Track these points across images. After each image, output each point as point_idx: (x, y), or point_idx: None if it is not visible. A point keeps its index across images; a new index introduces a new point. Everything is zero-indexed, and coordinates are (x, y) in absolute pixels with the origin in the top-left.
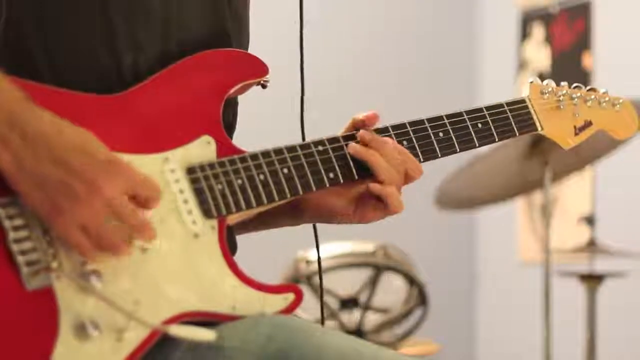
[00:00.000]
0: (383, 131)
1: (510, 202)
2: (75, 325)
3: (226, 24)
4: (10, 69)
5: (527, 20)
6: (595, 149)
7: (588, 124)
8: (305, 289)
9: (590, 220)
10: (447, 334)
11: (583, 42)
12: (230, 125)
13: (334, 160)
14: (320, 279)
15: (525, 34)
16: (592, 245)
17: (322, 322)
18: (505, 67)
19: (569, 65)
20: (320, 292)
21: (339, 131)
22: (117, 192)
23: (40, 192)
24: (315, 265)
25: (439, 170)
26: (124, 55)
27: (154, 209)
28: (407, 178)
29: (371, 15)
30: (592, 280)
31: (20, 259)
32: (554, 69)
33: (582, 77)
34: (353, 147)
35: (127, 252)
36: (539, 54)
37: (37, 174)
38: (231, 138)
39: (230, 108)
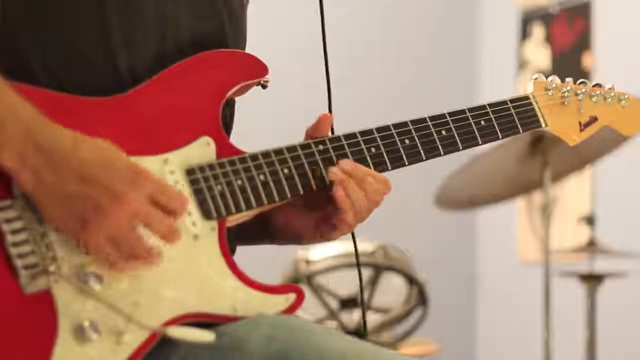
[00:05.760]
0: (385, 129)
1: (510, 202)
2: (74, 328)
3: (223, 23)
4: (5, 70)
5: (527, 20)
6: (595, 148)
7: (593, 119)
8: (305, 289)
9: (590, 220)
10: (447, 334)
11: (583, 42)
12: (226, 126)
13: (335, 160)
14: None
15: (525, 34)
16: (592, 245)
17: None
18: (505, 67)
19: (569, 66)
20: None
21: (339, 131)
22: (142, 200)
23: (63, 208)
24: (315, 266)
25: (439, 170)
26: (120, 56)
27: None
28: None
29: (371, 16)
30: (592, 280)
31: (19, 262)
32: (554, 69)
33: (582, 77)
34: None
35: (157, 260)
36: (539, 54)
37: (59, 190)
38: (228, 138)
39: (228, 109)
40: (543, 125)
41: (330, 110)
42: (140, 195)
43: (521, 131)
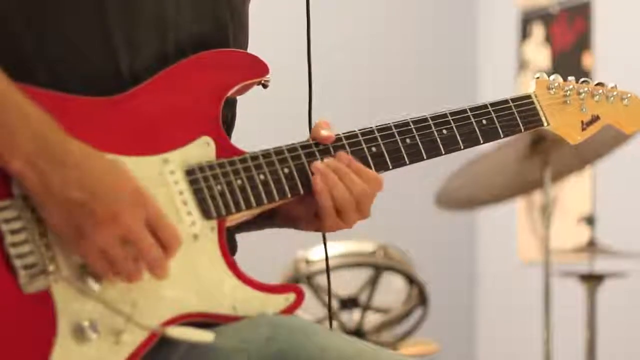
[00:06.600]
0: (386, 129)
1: (510, 202)
2: (73, 328)
3: (225, 23)
4: (5, 70)
5: (527, 20)
6: (595, 148)
7: (595, 118)
8: (305, 288)
9: (590, 220)
10: (447, 334)
11: (583, 42)
12: (228, 126)
13: None
14: (329, 279)
15: (525, 34)
16: (592, 245)
17: (330, 324)
18: (505, 67)
19: (569, 66)
20: (329, 293)
21: (340, 130)
22: (138, 222)
23: (64, 215)
24: (315, 266)
25: (439, 170)
26: (121, 56)
27: None
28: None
29: (371, 15)
30: (592, 280)
31: (18, 262)
32: (554, 69)
33: (582, 77)
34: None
35: (138, 279)
36: (539, 54)
37: (63, 198)
38: (229, 138)
39: (229, 108)
40: (545, 124)
41: (310, 109)
42: (137, 216)
43: (523, 130)
